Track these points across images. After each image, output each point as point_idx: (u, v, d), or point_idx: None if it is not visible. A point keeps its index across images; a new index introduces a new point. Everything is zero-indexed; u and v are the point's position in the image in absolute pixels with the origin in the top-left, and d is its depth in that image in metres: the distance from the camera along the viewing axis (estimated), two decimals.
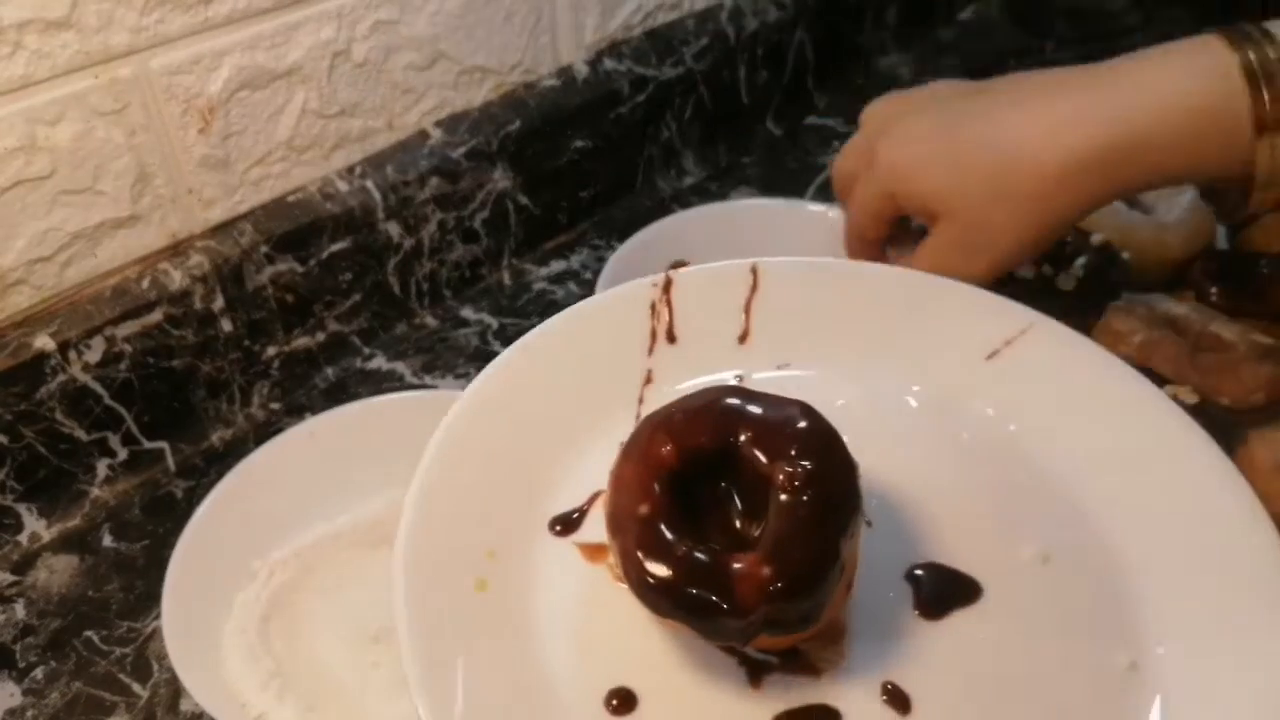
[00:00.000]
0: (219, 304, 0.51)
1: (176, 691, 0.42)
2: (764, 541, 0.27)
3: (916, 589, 0.31)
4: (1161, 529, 0.31)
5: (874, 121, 0.47)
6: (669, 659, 0.29)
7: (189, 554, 0.42)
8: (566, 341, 0.35)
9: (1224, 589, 0.29)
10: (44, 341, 0.46)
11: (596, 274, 0.54)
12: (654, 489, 0.28)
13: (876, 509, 0.31)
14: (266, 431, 0.53)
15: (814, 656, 0.29)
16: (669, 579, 0.27)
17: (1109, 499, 0.32)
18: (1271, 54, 0.36)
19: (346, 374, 0.58)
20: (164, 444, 0.52)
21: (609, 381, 0.35)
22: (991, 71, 0.88)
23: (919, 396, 0.35)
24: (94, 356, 0.48)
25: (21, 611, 0.46)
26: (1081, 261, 0.53)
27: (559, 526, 0.32)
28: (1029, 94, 0.41)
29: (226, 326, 0.52)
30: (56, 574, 0.47)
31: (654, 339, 0.36)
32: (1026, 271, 0.53)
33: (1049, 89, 0.40)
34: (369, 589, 0.44)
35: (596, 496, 0.32)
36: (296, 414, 0.55)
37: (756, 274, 0.37)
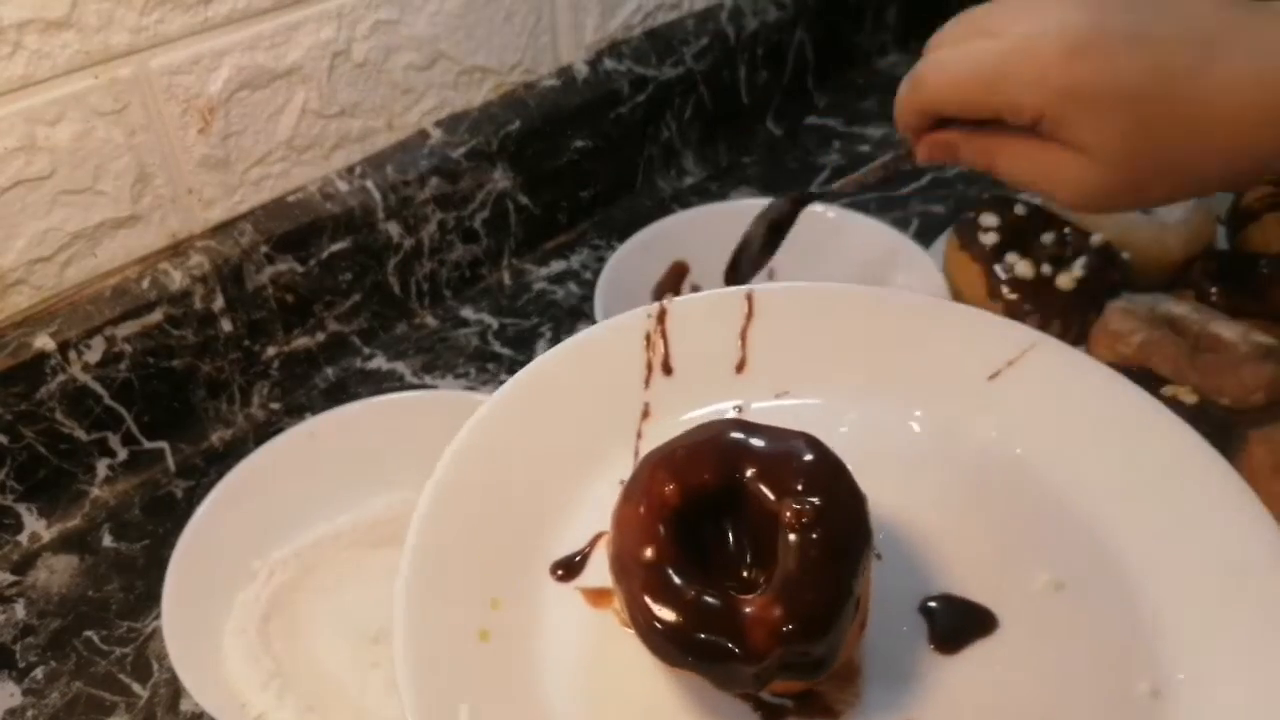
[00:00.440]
0: (219, 304, 0.51)
1: (176, 691, 0.42)
2: (774, 583, 0.26)
3: (931, 622, 0.30)
4: (1174, 550, 0.30)
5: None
6: (680, 706, 0.28)
7: (189, 554, 0.42)
8: (561, 378, 0.34)
9: (1242, 610, 0.29)
10: (44, 341, 0.46)
11: (596, 274, 0.54)
12: (658, 530, 0.27)
13: (885, 540, 0.31)
14: (266, 431, 0.53)
15: (830, 698, 0.28)
16: (678, 625, 0.26)
17: (1120, 521, 0.31)
18: None
19: (346, 374, 0.58)
20: (164, 444, 0.52)
21: (606, 418, 0.34)
22: None
23: (922, 421, 0.35)
24: (94, 356, 0.48)
25: (21, 611, 0.46)
26: (1081, 261, 0.53)
27: (561, 571, 0.31)
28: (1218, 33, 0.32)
29: (226, 326, 0.52)
30: (56, 574, 0.47)
31: (650, 371, 0.35)
32: (1026, 272, 0.53)
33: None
34: (369, 589, 0.44)
35: (598, 538, 0.32)
36: (296, 414, 0.55)
37: (751, 301, 0.36)
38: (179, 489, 0.51)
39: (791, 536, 0.27)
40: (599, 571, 0.30)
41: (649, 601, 0.26)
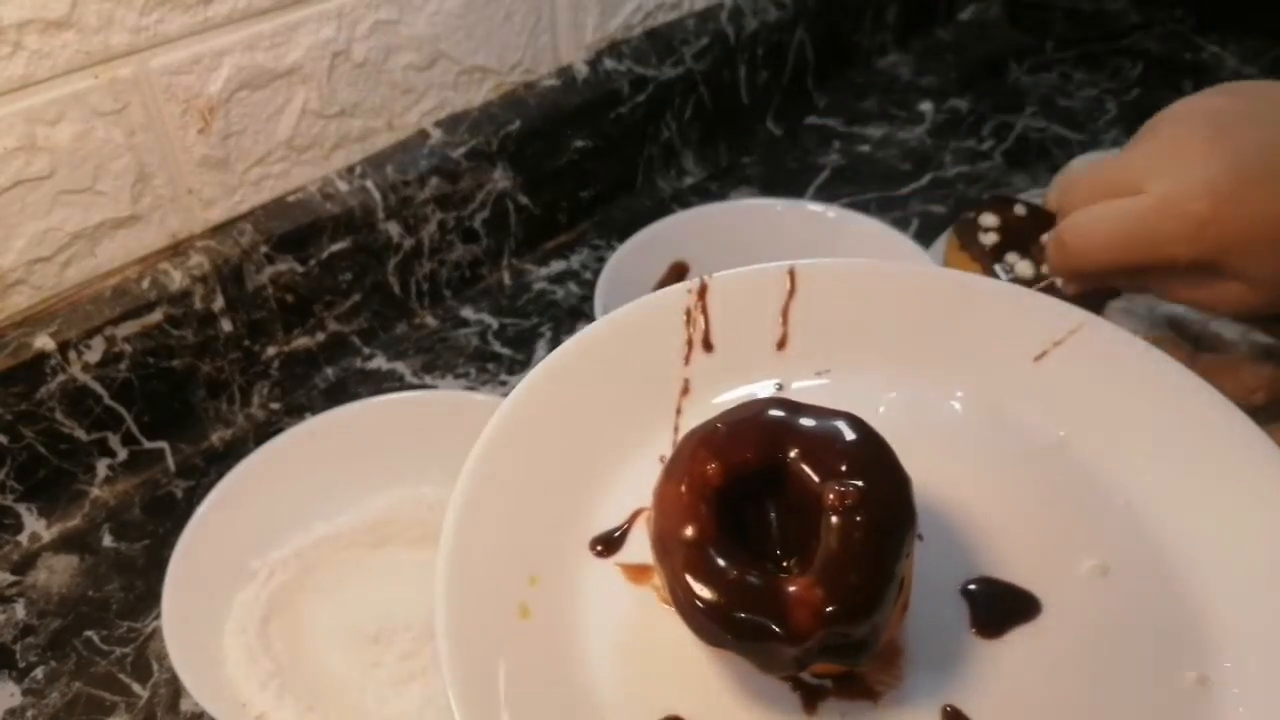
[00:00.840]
0: (219, 304, 0.51)
1: (176, 691, 0.42)
2: (817, 564, 0.26)
3: (973, 605, 0.29)
4: (1222, 535, 0.30)
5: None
6: (720, 684, 0.28)
7: (189, 554, 0.42)
8: (601, 354, 0.34)
9: None
10: (44, 341, 0.46)
11: (596, 274, 0.54)
12: (700, 510, 0.27)
13: (926, 521, 0.30)
14: (266, 431, 0.53)
15: (870, 680, 0.28)
16: (719, 604, 0.26)
17: (1167, 505, 0.31)
18: None
19: (346, 374, 0.58)
20: (164, 444, 0.52)
21: (645, 394, 0.34)
22: (991, 72, 0.88)
23: (964, 401, 0.34)
24: (94, 356, 0.48)
25: (21, 611, 0.46)
26: None
27: (600, 547, 0.31)
28: None
29: (226, 326, 0.52)
30: (56, 574, 0.47)
31: (690, 348, 0.35)
32: (1026, 272, 0.53)
33: None
34: (369, 589, 0.44)
35: (638, 514, 0.31)
36: (296, 414, 0.55)
37: (794, 277, 0.35)
38: (179, 489, 0.51)
39: (834, 518, 0.26)
40: (638, 548, 0.30)
41: (691, 580, 0.26)
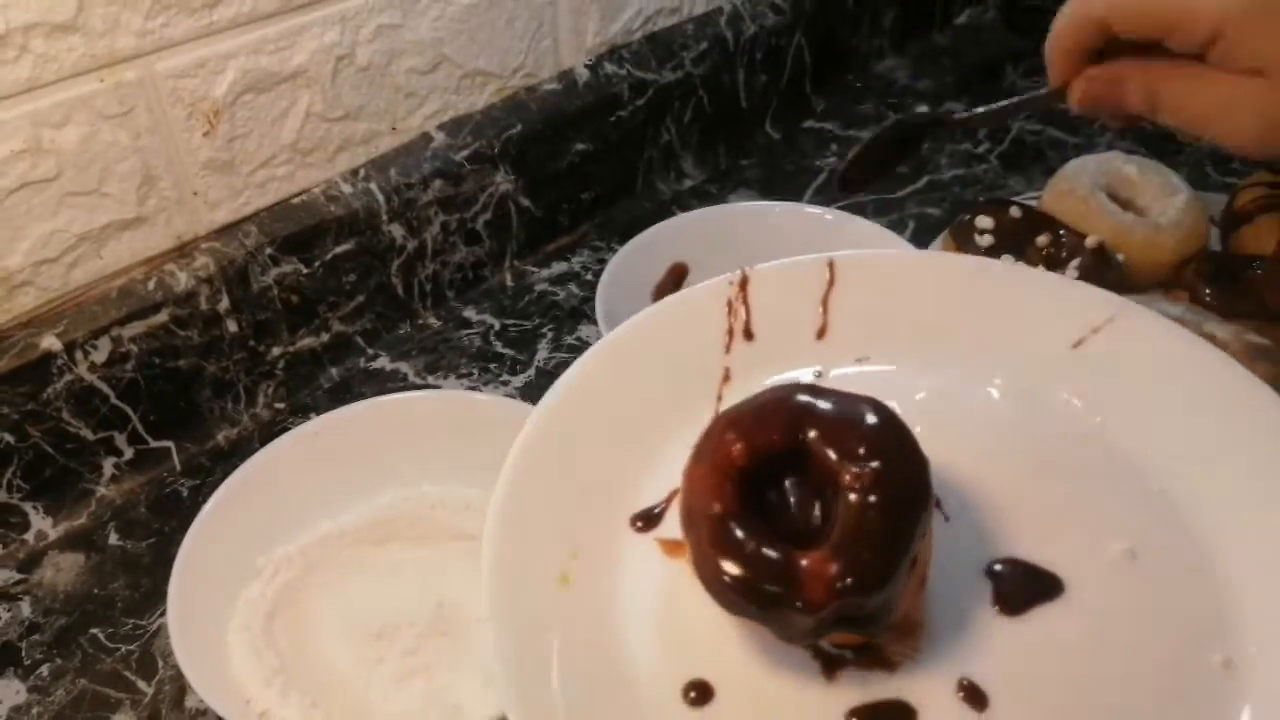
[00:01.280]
0: (224, 305, 0.52)
1: (182, 688, 0.42)
2: (832, 540, 0.27)
3: (996, 584, 0.30)
4: (1254, 523, 0.30)
5: None
6: (745, 652, 0.29)
7: (194, 552, 0.42)
8: (646, 342, 0.35)
9: None
10: (50, 342, 0.46)
11: (597, 275, 0.54)
12: (725, 487, 0.28)
13: (956, 503, 0.31)
14: (271, 431, 0.53)
15: (889, 650, 0.29)
16: (739, 575, 0.27)
17: (1200, 493, 0.31)
18: None
19: (350, 374, 0.58)
20: (169, 443, 0.52)
21: (688, 381, 0.35)
22: (987, 75, 0.88)
23: (1001, 387, 0.34)
24: (100, 356, 0.48)
25: (28, 609, 0.46)
26: (1076, 263, 0.54)
27: (640, 523, 0.32)
28: None
29: (232, 327, 0.53)
30: (62, 572, 0.48)
31: (731, 337, 0.36)
32: None
33: None
34: (373, 586, 0.44)
35: (676, 493, 0.32)
36: (301, 414, 0.55)
37: (833, 268, 0.36)
38: (184, 488, 0.51)
39: (851, 496, 0.27)
40: (676, 524, 0.31)
41: (713, 552, 0.27)
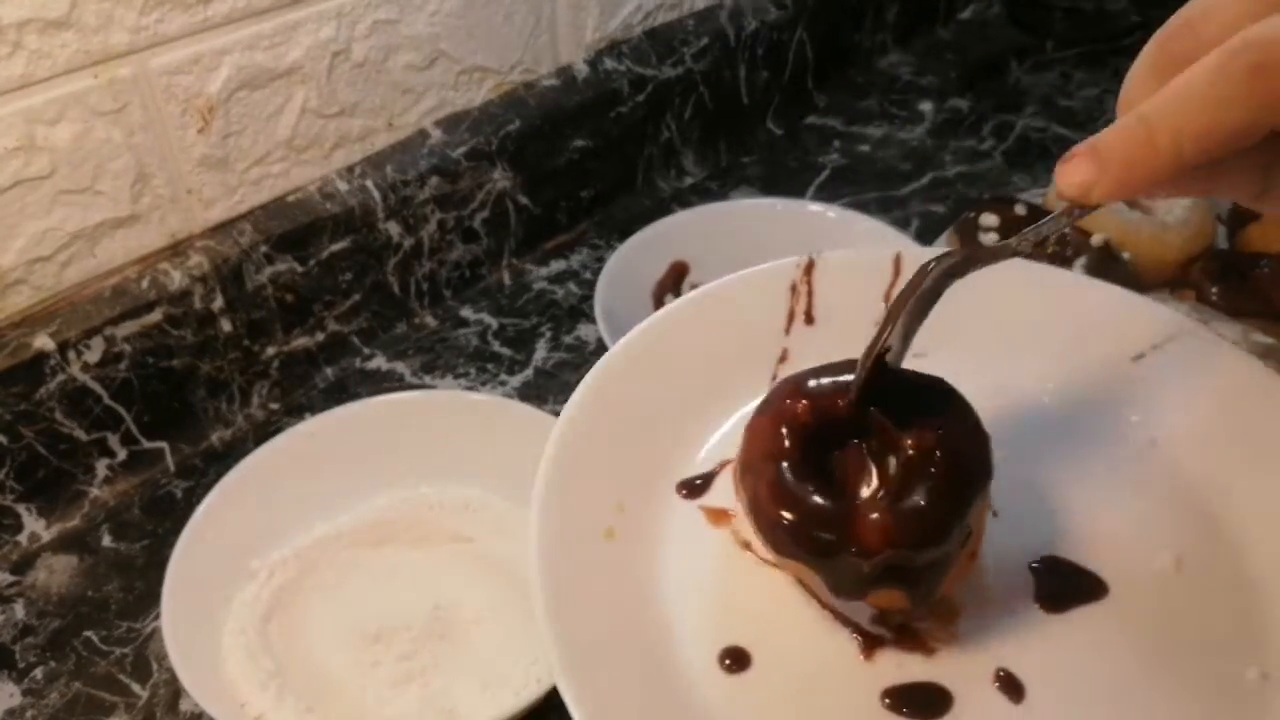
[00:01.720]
0: (218, 304, 0.51)
1: (176, 691, 0.42)
2: (890, 493, 0.28)
3: (1038, 580, 0.30)
4: None
5: None
6: (784, 623, 0.30)
7: (189, 554, 0.42)
8: (708, 314, 0.36)
9: None
10: (43, 341, 0.46)
11: (596, 273, 0.54)
12: (787, 438, 0.29)
13: (1004, 499, 0.31)
14: (266, 431, 0.53)
15: (927, 635, 0.29)
16: (796, 519, 0.27)
17: (1251, 513, 0.31)
18: None
19: (346, 374, 0.58)
20: (163, 444, 0.52)
21: (745, 357, 0.35)
22: (991, 71, 0.88)
23: (1056, 393, 0.35)
24: (93, 356, 0.48)
25: (21, 612, 0.46)
26: (1082, 261, 0.53)
27: (685, 490, 0.33)
28: None
29: (226, 326, 0.52)
30: (56, 574, 0.47)
31: (791, 319, 0.36)
32: None
33: None
34: (369, 589, 0.44)
35: (725, 465, 0.33)
36: (296, 414, 0.55)
37: (899, 264, 0.36)
38: (178, 489, 0.51)
39: (912, 454, 0.28)
40: (721, 494, 0.32)
41: (770, 496, 0.28)
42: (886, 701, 0.28)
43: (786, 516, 0.28)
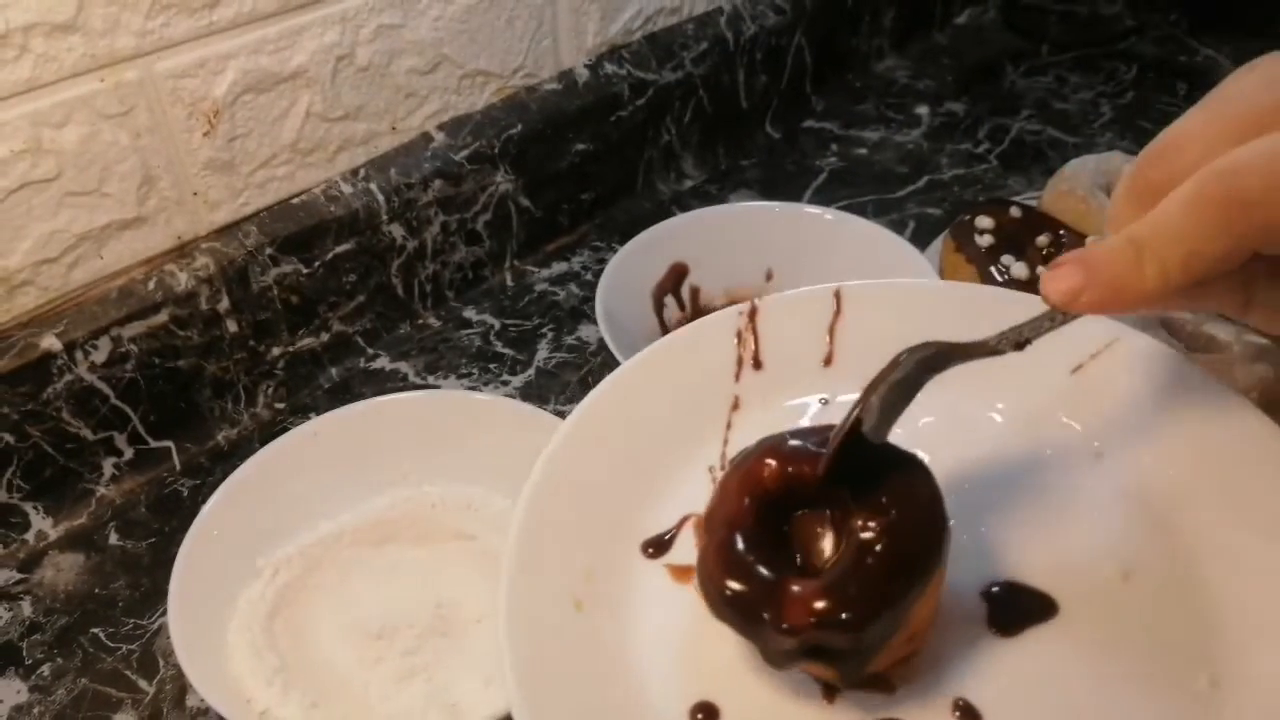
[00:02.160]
0: (224, 305, 0.52)
1: (182, 688, 0.42)
2: (828, 573, 0.28)
3: (991, 606, 0.31)
4: (1248, 547, 0.30)
5: None
6: (749, 675, 0.30)
7: (194, 552, 0.42)
8: (658, 372, 0.36)
9: None
10: (50, 342, 0.46)
11: (597, 275, 0.54)
12: (744, 501, 0.29)
13: (956, 525, 0.31)
14: (271, 431, 0.53)
15: (889, 673, 0.30)
16: (732, 586, 0.28)
17: (1195, 518, 0.31)
18: None
19: (350, 374, 0.58)
20: (170, 443, 0.52)
21: (698, 409, 0.36)
22: (986, 75, 0.88)
23: (1004, 413, 0.35)
24: (100, 357, 0.48)
25: (28, 609, 0.46)
26: None
27: (651, 549, 0.33)
28: None
29: (232, 327, 0.53)
30: (63, 572, 0.48)
31: (740, 366, 0.37)
32: (1022, 273, 0.54)
33: None
34: (373, 586, 0.44)
35: (686, 520, 0.33)
36: (301, 414, 0.55)
37: (839, 298, 0.37)
38: (185, 488, 0.51)
39: (860, 537, 0.28)
40: (684, 550, 0.32)
41: (716, 559, 0.29)
42: None
43: (722, 583, 0.28)
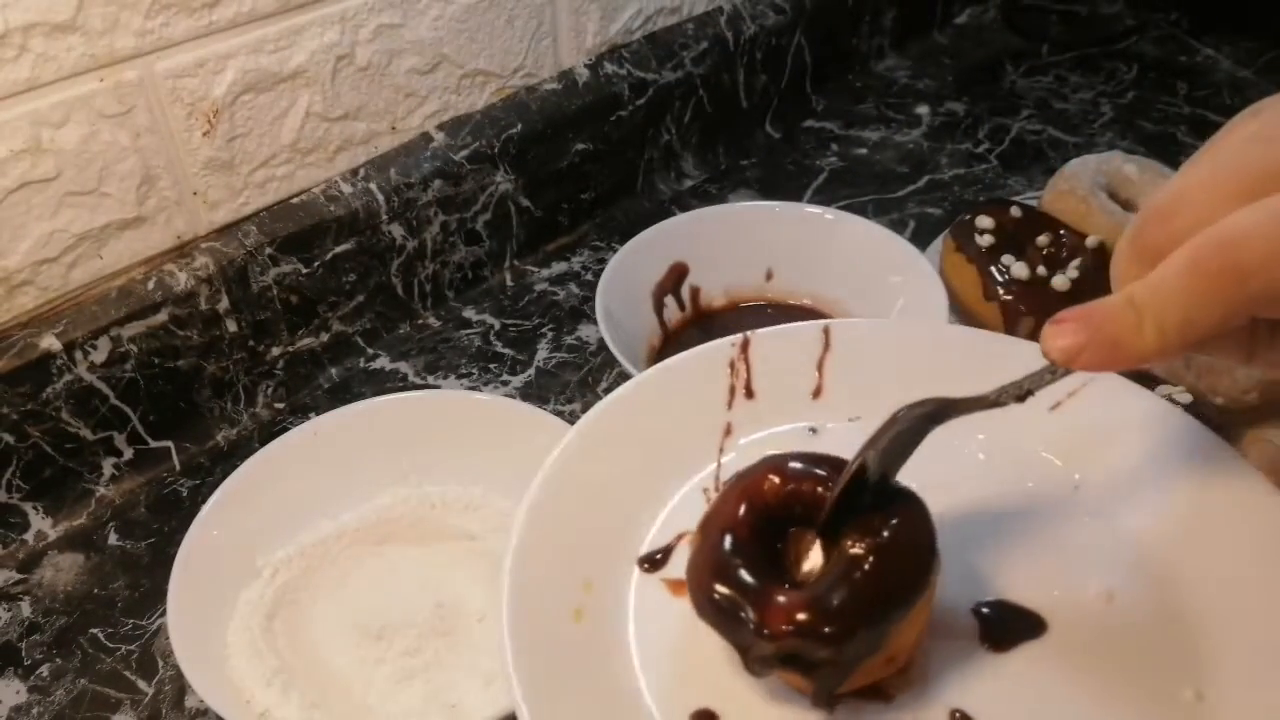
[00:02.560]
0: (224, 305, 0.52)
1: (181, 688, 0.42)
2: (813, 585, 0.29)
3: (982, 622, 0.32)
4: (1221, 567, 0.32)
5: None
6: (748, 684, 0.31)
7: (194, 552, 0.42)
8: (654, 395, 0.38)
9: None
10: (50, 342, 0.46)
11: (597, 275, 0.54)
12: (740, 511, 0.31)
13: (946, 549, 0.33)
14: (271, 431, 0.53)
15: (884, 683, 0.31)
16: (718, 589, 0.29)
17: (1170, 541, 0.33)
18: None
19: (350, 374, 0.58)
20: (169, 443, 0.52)
21: (692, 433, 0.38)
22: (987, 75, 0.88)
23: (985, 446, 0.37)
24: (100, 356, 0.48)
25: (28, 609, 0.46)
26: (1077, 263, 0.54)
27: (646, 565, 0.34)
28: None
29: (231, 327, 0.53)
30: (62, 572, 0.48)
31: (733, 394, 0.38)
32: (1022, 273, 0.54)
33: None
34: (372, 587, 0.44)
35: (681, 537, 0.35)
36: (301, 414, 0.55)
37: (828, 334, 0.39)
38: (184, 488, 0.51)
39: (850, 553, 0.29)
40: (680, 565, 0.33)
41: (706, 562, 0.30)
42: None
43: (708, 584, 0.29)
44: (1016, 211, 0.57)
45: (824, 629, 0.28)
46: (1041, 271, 0.54)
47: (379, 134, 0.57)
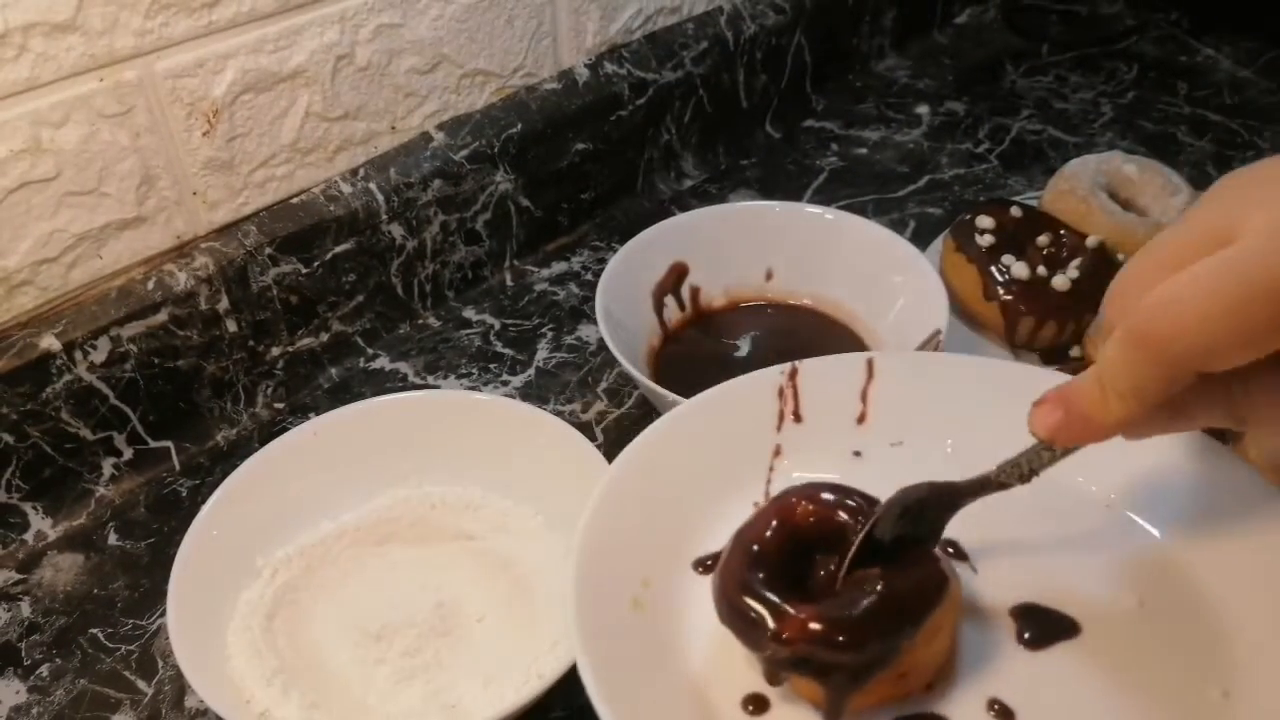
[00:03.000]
0: (224, 305, 0.52)
1: (181, 688, 0.42)
2: (827, 602, 0.31)
3: (1018, 622, 0.35)
4: (1247, 576, 0.34)
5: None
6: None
7: (194, 552, 0.42)
8: (709, 416, 0.41)
9: None
10: (49, 342, 0.46)
11: (597, 275, 0.54)
12: (770, 529, 0.33)
13: (985, 558, 0.36)
14: (271, 431, 0.53)
15: (903, 700, 0.33)
16: (739, 594, 0.32)
17: (1198, 552, 0.35)
18: None
19: (350, 374, 0.58)
20: (169, 443, 0.52)
21: (744, 452, 0.40)
22: (987, 75, 0.88)
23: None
24: (99, 356, 0.48)
25: (27, 609, 0.46)
26: (1077, 263, 0.54)
27: (700, 567, 0.37)
28: None
29: (231, 327, 0.53)
30: (62, 572, 0.48)
31: (782, 419, 0.41)
32: (1022, 273, 0.54)
33: None
34: (372, 587, 0.44)
35: None
36: (300, 414, 0.55)
37: (872, 366, 0.42)
38: (184, 488, 0.51)
39: (866, 577, 0.31)
40: None
41: (733, 572, 0.33)
42: None
43: (732, 591, 0.32)
44: (1017, 211, 0.57)
45: (837, 637, 0.30)
46: (1042, 271, 0.54)
47: (379, 134, 0.57)
